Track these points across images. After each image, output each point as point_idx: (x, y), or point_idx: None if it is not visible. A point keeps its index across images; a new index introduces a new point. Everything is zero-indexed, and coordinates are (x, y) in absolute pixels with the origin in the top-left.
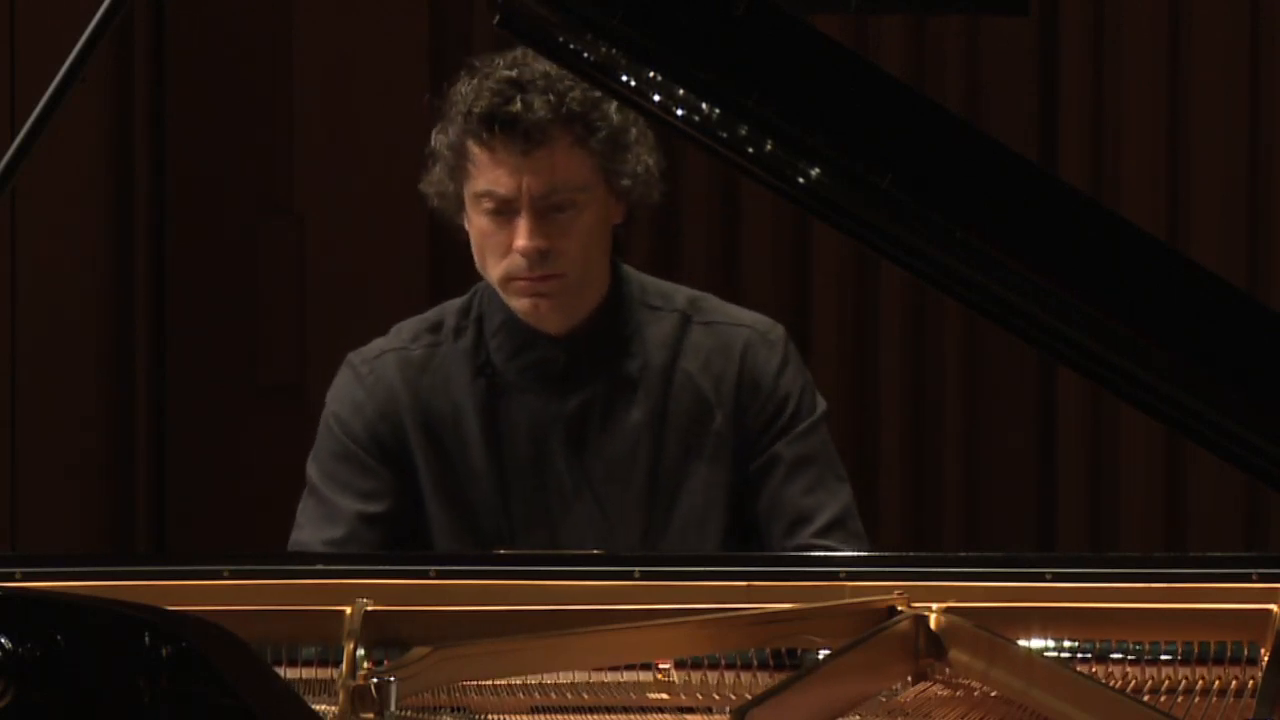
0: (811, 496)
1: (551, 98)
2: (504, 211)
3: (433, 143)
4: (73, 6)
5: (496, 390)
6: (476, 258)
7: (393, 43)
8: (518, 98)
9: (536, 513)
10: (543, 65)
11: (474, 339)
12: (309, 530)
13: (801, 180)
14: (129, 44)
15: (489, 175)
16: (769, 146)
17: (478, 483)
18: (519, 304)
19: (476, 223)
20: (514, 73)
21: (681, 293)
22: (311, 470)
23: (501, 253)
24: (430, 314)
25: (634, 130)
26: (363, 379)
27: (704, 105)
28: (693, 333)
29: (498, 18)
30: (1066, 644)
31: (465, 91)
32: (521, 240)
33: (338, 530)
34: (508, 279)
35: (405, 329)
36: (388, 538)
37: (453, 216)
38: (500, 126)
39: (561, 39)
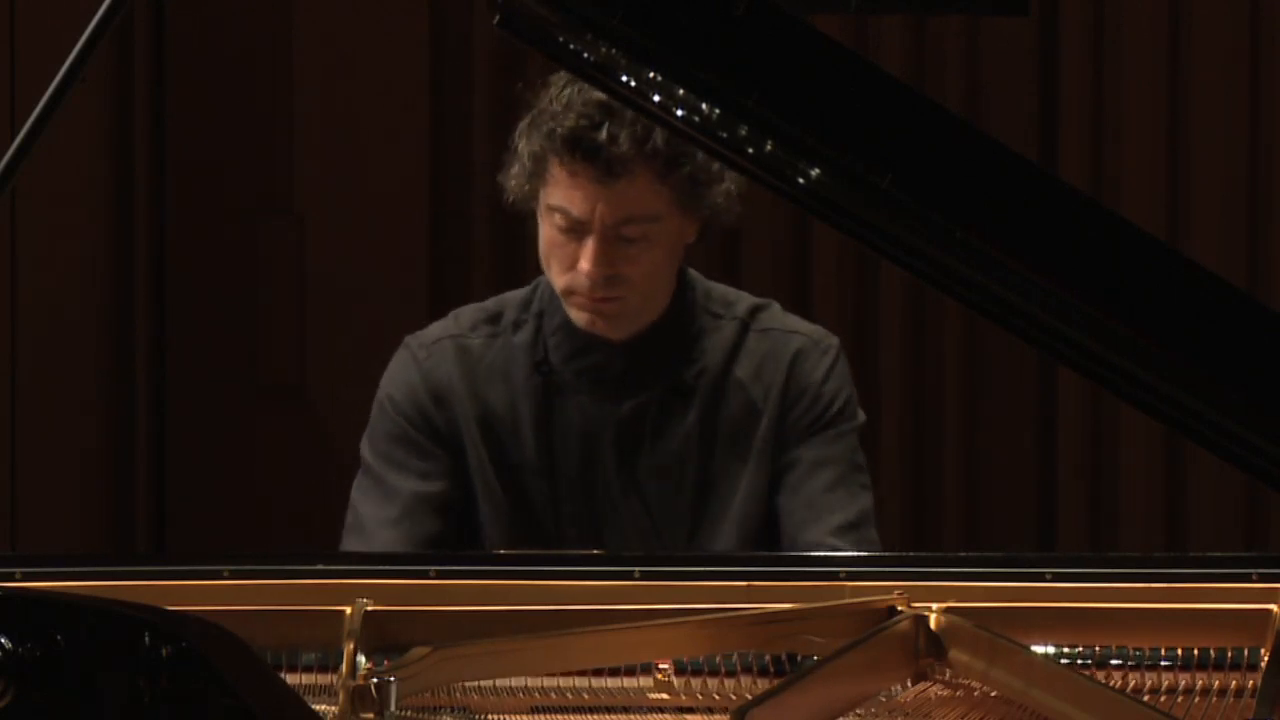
0: (830, 495)
1: (639, 130)
2: (575, 229)
3: (515, 140)
4: (73, 6)
5: (552, 388)
6: (542, 259)
7: (393, 43)
8: (605, 126)
9: (584, 512)
10: None
11: (533, 334)
12: (367, 508)
13: (801, 180)
14: (129, 44)
15: (564, 193)
16: (769, 146)
17: (530, 476)
18: (577, 316)
19: (546, 231)
20: (605, 97)
21: (744, 301)
22: (366, 451)
23: (567, 265)
24: (490, 303)
25: (716, 165)
26: (420, 363)
27: (704, 105)
28: (749, 340)
29: (498, 18)
30: (1066, 651)
31: (556, 100)
32: (587, 264)
33: (394, 509)
34: (569, 292)
35: (464, 316)
36: (444, 522)
37: (525, 206)
38: (582, 152)
39: (561, 39)
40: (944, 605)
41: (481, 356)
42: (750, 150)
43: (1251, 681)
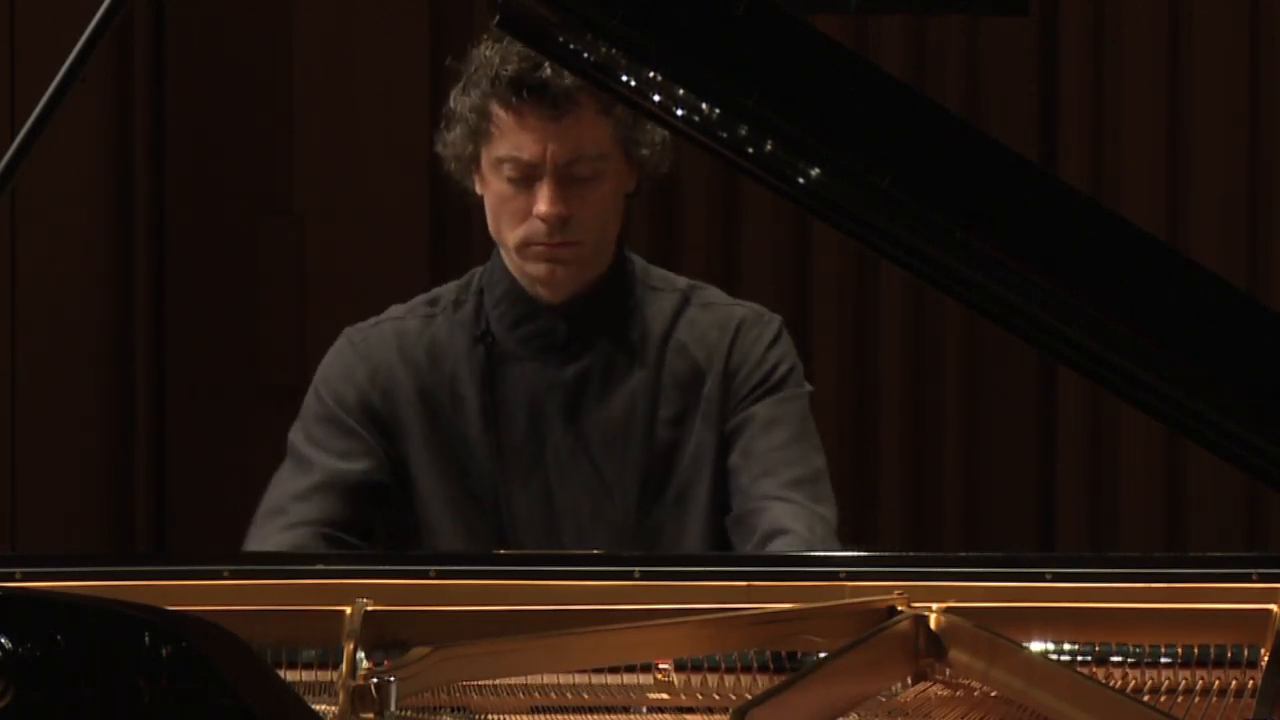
0: (783, 452)
1: None
2: (526, 178)
3: (451, 103)
4: (73, 6)
5: (495, 359)
6: (491, 223)
7: (393, 43)
8: (545, 65)
9: (534, 479)
10: None
11: (474, 310)
12: (281, 484)
13: (801, 180)
14: (129, 44)
15: (514, 139)
16: (769, 146)
17: (474, 450)
18: (534, 269)
19: (495, 187)
20: None
21: (683, 280)
22: (293, 435)
23: (520, 218)
24: (427, 294)
25: None
26: (356, 345)
27: (704, 105)
28: (689, 311)
29: (498, 18)
30: (1066, 648)
31: (491, 54)
32: (543, 206)
33: (306, 482)
34: (525, 244)
35: (400, 306)
36: (359, 504)
37: (463, 179)
38: (529, 91)
39: (561, 39)
40: (944, 605)
41: (420, 334)
42: (750, 150)
43: (1251, 681)
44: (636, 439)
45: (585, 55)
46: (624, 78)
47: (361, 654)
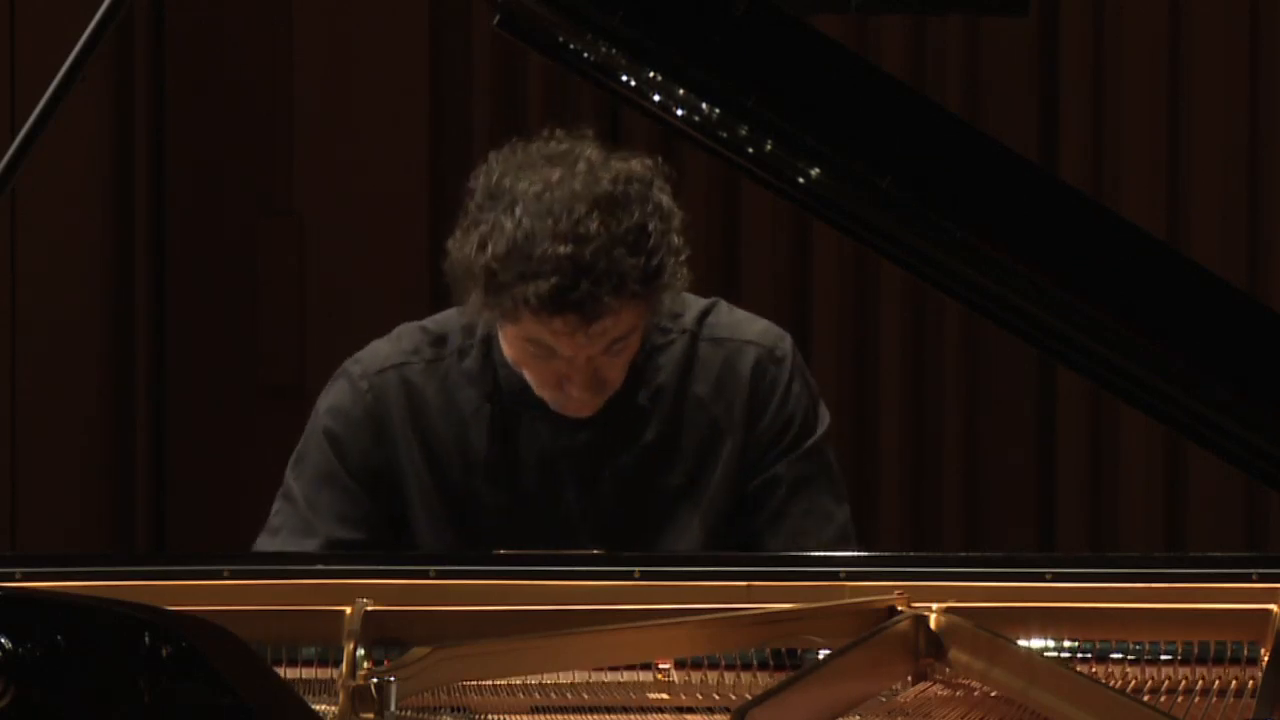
0: (810, 519)
1: (615, 280)
2: (553, 355)
3: (465, 270)
4: (73, 6)
5: (506, 417)
6: (509, 360)
7: (393, 43)
8: (582, 283)
9: (542, 542)
10: (597, 225)
11: (480, 361)
12: (283, 537)
13: (801, 180)
14: (129, 45)
15: (544, 334)
16: (769, 146)
17: (484, 508)
18: (555, 407)
19: (517, 349)
20: (570, 249)
21: (690, 309)
22: (291, 477)
23: (546, 381)
24: (432, 324)
25: (674, 242)
26: (361, 395)
27: (704, 105)
28: (701, 350)
29: (498, 18)
30: (1066, 644)
31: (514, 255)
32: (578, 392)
33: (310, 542)
34: (551, 400)
35: (406, 337)
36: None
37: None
38: (563, 312)
39: (561, 39)
40: (944, 605)
41: (425, 386)
42: (750, 150)
43: (1251, 681)
44: (652, 505)
45: (585, 55)
46: (624, 78)
47: (361, 654)
